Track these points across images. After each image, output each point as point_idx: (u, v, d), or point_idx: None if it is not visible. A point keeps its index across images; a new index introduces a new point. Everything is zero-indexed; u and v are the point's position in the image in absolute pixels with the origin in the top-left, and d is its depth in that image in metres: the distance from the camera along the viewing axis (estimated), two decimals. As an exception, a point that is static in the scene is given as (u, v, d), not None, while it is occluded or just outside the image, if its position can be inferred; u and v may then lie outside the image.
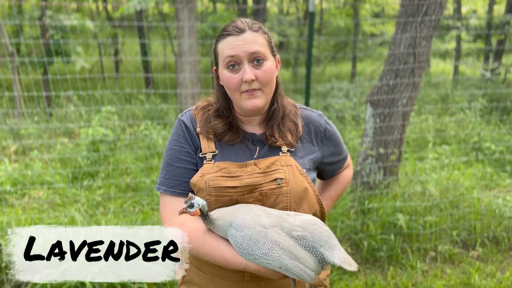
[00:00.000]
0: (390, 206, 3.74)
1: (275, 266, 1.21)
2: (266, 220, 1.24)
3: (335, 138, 1.54)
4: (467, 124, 6.50)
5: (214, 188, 1.32)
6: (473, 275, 3.25)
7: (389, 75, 3.90)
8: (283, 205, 1.34)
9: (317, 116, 1.52)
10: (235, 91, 1.35)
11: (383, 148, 3.96)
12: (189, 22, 6.23)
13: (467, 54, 15.82)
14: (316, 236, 1.24)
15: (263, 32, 1.37)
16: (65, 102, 7.25)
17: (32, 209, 3.98)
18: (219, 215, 1.28)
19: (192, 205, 1.24)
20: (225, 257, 1.26)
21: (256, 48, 1.32)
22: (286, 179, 1.34)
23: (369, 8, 14.45)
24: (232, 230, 1.25)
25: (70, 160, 4.97)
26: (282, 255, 1.20)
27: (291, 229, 1.24)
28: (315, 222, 1.28)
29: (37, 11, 9.08)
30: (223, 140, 1.40)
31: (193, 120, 1.44)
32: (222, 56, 1.34)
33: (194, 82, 6.52)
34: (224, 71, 1.35)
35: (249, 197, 1.33)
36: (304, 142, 1.46)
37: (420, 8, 3.74)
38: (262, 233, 1.22)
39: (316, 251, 1.23)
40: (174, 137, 1.43)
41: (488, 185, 4.63)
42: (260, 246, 1.21)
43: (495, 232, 3.75)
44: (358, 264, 3.42)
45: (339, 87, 8.54)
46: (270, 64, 1.35)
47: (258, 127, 1.45)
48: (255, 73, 1.32)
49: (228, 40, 1.33)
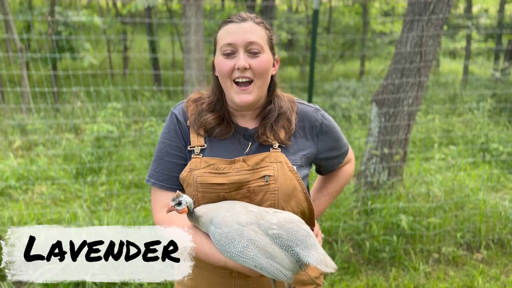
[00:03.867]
0: (393, 206, 3.70)
1: (251, 264, 1.20)
2: (244, 218, 1.23)
3: (332, 133, 1.51)
4: (475, 124, 6.42)
5: (201, 184, 1.32)
6: (477, 278, 3.21)
7: (395, 74, 3.86)
8: (271, 202, 1.32)
9: (313, 111, 1.49)
10: (226, 78, 1.34)
11: (388, 148, 3.92)
12: (196, 19, 6.22)
13: (477, 53, 15.64)
14: (292, 235, 1.21)
15: (265, 28, 1.36)
16: (73, 98, 7.29)
17: (35, 204, 4.00)
18: (203, 211, 1.29)
19: (180, 203, 1.24)
20: (206, 253, 1.28)
21: (254, 38, 1.31)
22: (274, 176, 1.33)
23: (378, 6, 14.34)
24: (212, 227, 1.25)
25: (75, 156, 4.99)
26: (257, 254, 1.19)
27: (268, 227, 1.22)
28: (292, 220, 1.24)
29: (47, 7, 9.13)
30: (213, 134, 1.39)
31: (185, 112, 1.44)
32: (220, 43, 1.34)
33: (200, 80, 6.52)
34: (219, 57, 1.35)
35: (236, 194, 1.33)
36: (297, 137, 1.44)
37: (427, 6, 3.69)
38: (239, 231, 1.21)
39: (292, 250, 1.20)
40: (166, 130, 1.44)
41: (494, 186, 4.56)
42: (236, 244, 1.20)
43: (500, 234, 3.70)
44: (360, 265, 3.39)
45: (346, 85, 8.49)
46: (266, 56, 1.34)
47: (251, 122, 1.44)
48: (249, 62, 1.31)
49: (228, 27, 1.33)
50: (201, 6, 6.34)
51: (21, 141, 5.47)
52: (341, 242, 3.54)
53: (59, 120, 6.19)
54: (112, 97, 7.49)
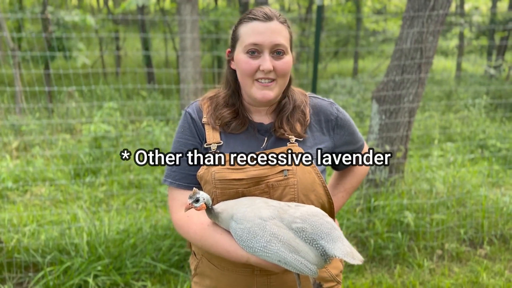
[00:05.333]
0: (396, 203, 3.70)
1: (274, 259, 1.17)
2: (266, 212, 1.21)
3: (348, 126, 1.49)
4: (471, 121, 6.45)
5: (220, 180, 1.30)
6: (481, 273, 3.21)
7: (395, 71, 3.85)
8: (291, 197, 1.30)
9: (328, 104, 1.47)
10: (248, 77, 1.31)
11: (389, 145, 3.91)
12: (192, 16, 6.18)
13: (469, 51, 15.75)
14: (316, 228, 1.18)
15: (288, 26, 1.35)
16: (67, 98, 7.21)
17: (34, 206, 3.94)
18: (222, 208, 1.26)
19: (198, 200, 1.22)
20: (228, 250, 1.26)
21: (281, 40, 1.29)
22: (293, 170, 1.30)
23: (371, 5, 14.39)
24: (233, 223, 1.23)
25: (72, 157, 4.92)
26: (281, 248, 1.16)
27: (291, 221, 1.19)
28: (316, 213, 1.22)
29: (39, 7, 9.02)
30: (229, 129, 1.37)
31: (199, 110, 1.42)
32: (244, 40, 1.30)
33: (196, 78, 6.47)
34: (241, 55, 1.31)
35: (255, 189, 1.31)
36: (313, 131, 1.42)
37: (428, 2, 3.68)
38: (261, 226, 1.18)
39: (317, 244, 1.18)
40: (180, 129, 1.42)
41: (495, 182, 4.58)
42: (259, 239, 1.18)
43: (502, 230, 3.71)
44: (365, 262, 3.38)
45: (342, 83, 8.49)
46: (289, 58, 1.33)
47: (266, 117, 1.42)
48: (273, 64, 1.29)
49: (253, 25, 1.29)
50: (196, 3, 6.30)
51: (17, 142, 5.39)
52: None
53: (55, 120, 6.12)
54: (107, 96, 7.42)
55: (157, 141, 5.23)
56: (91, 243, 3.16)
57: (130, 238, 3.24)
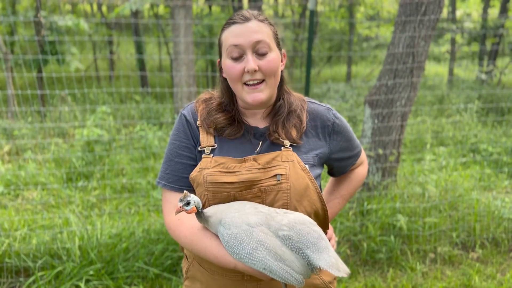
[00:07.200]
0: (389, 207, 3.71)
1: (260, 267, 1.15)
2: (254, 218, 1.18)
3: (345, 133, 1.48)
4: (463, 125, 6.50)
5: (212, 183, 1.29)
6: (474, 277, 3.22)
7: (387, 75, 3.87)
8: (283, 202, 1.29)
9: (325, 110, 1.46)
10: (237, 82, 1.31)
11: (382, 149, 3.93)
12: (186, 21, 6.18)
13: (461, 57, 15.88)
14: (302, 237, 1.15)
15: (269, 24, 1.34)
16: (60, 102, 7.17)
17: (25, 211, 3.91)
18: (212, 212, 1.25)
19: (188, 203, 1.21)
20: (216, 256, 1.25)
21: (260, 37, 1.28)
22: (286, 175, 1.29)
23: (364, 11, 14.48)
24: (221, 227, 1.21)
25: (65, 161, 4.90)
26: (267, 256, 1.14)
27: (278, 228, 1.17)
28: (303, 221, 1.19)
29: (32, 11, 8.98)
30: (223, 135, 1.37)
31: (194, 113, 1.41)
32: (226, 45, 1.31)
33: (190, 82, 6.47)
34: (226, 60, 1.32)
35: (247, 193, 1.29)
36: (309, 136, 1.41)
37: (419, 8, 3.71)
38: (248, 232, 1.16)
39: (302, 253, 1.15)
40: (175, 131, 1.42)
41: (487, 186, 4.61)
42: (245, 246, 1.16)
43: (494, 233, 3.73)
44: (358, 266, 3.38)
45: (335, 88, 8.53)
46: (274, 55, 1.32)
47: (262, 120, 1.41)
48: (258, 64, 1.29)
49: (233, 29, 1.30)
50: (190, 8, 6.31)
51: (9, 146, 5.35)
52: (338, 244, 3.52)
53: (48, 124, 6.08)
54: (100, 100, 7.39)
55: (150, 146, 5.22)
56: (83, 247, 3.13)
57: (123, 243, 3.22)
